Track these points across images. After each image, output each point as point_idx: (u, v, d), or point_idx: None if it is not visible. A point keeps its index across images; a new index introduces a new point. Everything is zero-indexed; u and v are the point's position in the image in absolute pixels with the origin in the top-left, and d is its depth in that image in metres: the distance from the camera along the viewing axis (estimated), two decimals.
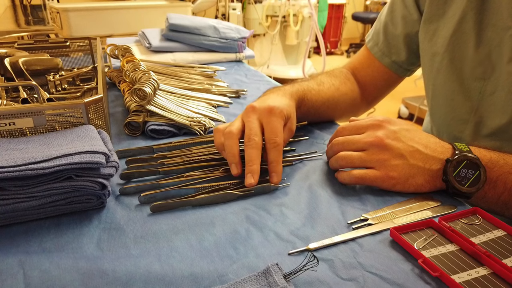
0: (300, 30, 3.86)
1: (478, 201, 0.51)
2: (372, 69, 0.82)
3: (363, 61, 0.84)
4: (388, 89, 0.86)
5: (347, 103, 0.79)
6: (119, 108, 0.82)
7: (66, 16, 1.54)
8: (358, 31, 5.92)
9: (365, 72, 0.83)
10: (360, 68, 0.84)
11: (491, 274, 0.39)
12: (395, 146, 0.52)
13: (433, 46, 0.70)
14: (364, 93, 0.83)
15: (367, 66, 0.83)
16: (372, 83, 0.83)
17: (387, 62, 0.80)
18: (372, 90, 0.84)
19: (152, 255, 0.41)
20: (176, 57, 1.15)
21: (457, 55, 0.66)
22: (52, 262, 0.40)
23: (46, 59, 0.84)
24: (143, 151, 0.63)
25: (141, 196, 0.50)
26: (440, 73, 0.70)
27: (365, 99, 0.84)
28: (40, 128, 0.55)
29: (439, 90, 0.71)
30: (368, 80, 0.83)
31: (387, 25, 0.79)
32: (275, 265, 0.38)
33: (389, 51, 0.79)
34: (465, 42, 0.64)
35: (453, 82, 0.68)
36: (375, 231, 0.45)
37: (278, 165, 0.54)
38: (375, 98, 0.86)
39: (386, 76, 0.82)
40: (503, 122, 0.62)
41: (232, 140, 0.54)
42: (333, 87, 0.75)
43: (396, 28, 0.77)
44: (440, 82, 0.70)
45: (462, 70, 0.66)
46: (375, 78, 0.82)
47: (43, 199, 0.45)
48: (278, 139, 0.54)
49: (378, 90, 0.84)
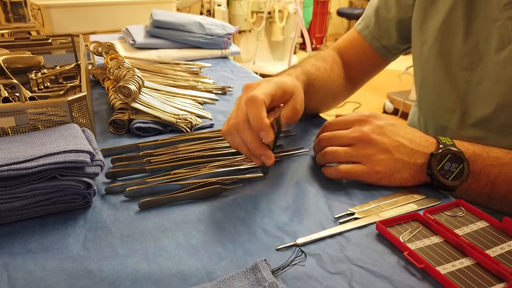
0: (286, 26, 3.86)
1: (462, 193, 0.52)
2: (359, 51, 0.82)
3: (351, 42, 0.83)
4: (373, 71, 0.85)
5: (335, 90, 0.79)
6: (104, 106, 0.81)
7: (47, 13, 1.51)
8: (343, 27, 5.95)
9: (351, 53, 0.82)
10: (347, 49, 0.83)
11: (474, 264, 0.40)
12: (381, 141, 0.53)
13: (423, 34, 0.71)
14: (349, 75, 0.82)
15: (354, 47, 0.82)
16: (358, 64, 0.82)
17: (377, 46, 0.80)
18: (357, 71, 0.83)
19: (139, 254, 0.41)
20: (161, 54, 1.14)
21: (445, 45, 0.67)
22: (37, 263, 0.39)
23: (28, 57, 0.82)
24: (128, 149, 0.63)
25: (126, 191, 0.50)
26: (428, 62, 0.70)
27: (349, 81, 0.83)
28: (22, 128, 0.54)
29: (427, 78, 0.72)
30: (354, 61, 0.82)
31: (379, 9, 0.78)
32: (263, 261, 0.38)
33: (380, 35, 0.79)
34: (454, 32, 0.65)
35: (441, 71, 0.69)
36: (362, 225, 0.46)
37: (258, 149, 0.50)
38: (359, 80, 0.85)
39: (372, 59, 0.82)
40: (488, 112, 0.63)
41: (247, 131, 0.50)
42: (326, 72, 0.73)
43: (389, 12, 0.77)
44: (429, 71, 0.71)
45: (450, 60, 0.67)
46: (361, 60, 0.82)
47: (26, 199, 0.44)
48: (257, 124, 0.48)
49: (363, 71, 0.84)
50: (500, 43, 0.60)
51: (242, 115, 0.50)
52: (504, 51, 0.59)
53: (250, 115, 0.49)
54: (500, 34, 0.60)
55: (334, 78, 0.76)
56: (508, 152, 0.52)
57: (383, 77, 1.53)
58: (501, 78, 0.60)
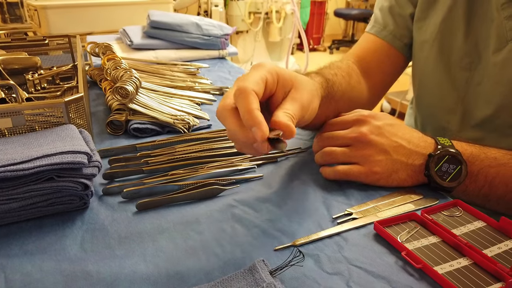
0: (283, 27, 3.86)
1: (460, 194, 0.52)
2: (380, 54, 0.76)
3: (369, 47, 0.77)
4: (395, 74, 0.80)
5: (356, 97, 0.71)
6: (101, 107, 0.81)
7: (44, 14, 1.50)
8: (341, 27, 5.96)
9: (371, 58, 0.76)
10: (364, 55, 0.77)
11: (472, 264, 0.40)
12: (379, 142, 0.53)
13: (423, 33, 0.70)
14: (370, 82, 0.75)
15: (374, 52, 0.76)
16: (379, 69, 0.76)
17: (399, 45, 0.75)
18: (379, 77, 0.77)
19: (137, 255, 0.41)
20: (158, 55, 1.14)
21: (445, 44, 0.67)
22: (34, 265, 0.39)
23: (24, 57, 0.82)
24: (126, 150, 0.62)
25: (124, 192, 0.50)
26: (428, 62, 0.70)
27: (371, 89, 0.76)
28: (19, 129, 0.53)
29: (427, 78, 0.72)
30: (374, 67, 0.76)
31: (392, 8, 0.75)
32: (261, 262, 0.38)
33: (400, 33, 0.75)
34: (454, 31, 0.65)
35: (441, 71, 0.68)
36: (360, 225, 0.46)
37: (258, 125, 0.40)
38: (382, 86, 0.79)
39: (395, 60, 0.77)
40: (488, 113, 0.63)
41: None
42: (343, 79, 0.66)
43: (404, 9, 0.74)
44: (428, 71, 0.71)
45: (450, 59, 0.67)
46: (382, 63, 0.76)
47: (23, 201, 0.44)
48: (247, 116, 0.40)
49: (385, 75, 0.78)
50: (498, 43, 0.60)
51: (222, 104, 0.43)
52: (502, 52, 0.59)
53: (239, 109, 0.41)
54: (497, 34, 0.59)
55: (353, 84, 0.69)
56: (506, 153, 0.52)
57: None
58: (500, 79, 0.60)
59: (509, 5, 0.58)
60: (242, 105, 0.40)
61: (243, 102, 0.40)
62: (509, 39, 0.58)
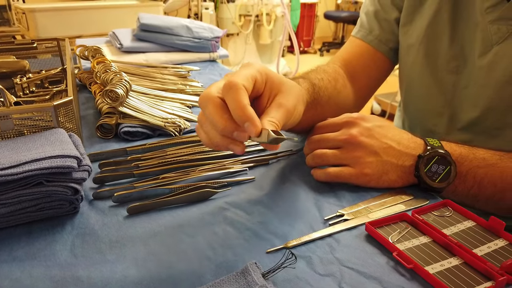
0: (274, 29, 3.87)
1: (449, 194, 0.53)
2: (366, 59, 0.77)
3: (354, 51, 0.78)
4: (381, 78, 0.80)
5: (343, 101, 0.72)
6: (91, 111, 0.80)
7: (32, 17, 1.49)
8: (331, 29, 6.00)
9: (356, 62, 0.77)
10: (350, 58, 0.78)
11: (462, 263, 0.40)
12: (369, 143, 0.53)
13: (409, 37, 0.71)
14: (356, 86, 0.76)
15: (360, 56, 0.77)
16: (365, 73, 0.77)
17: (385, 50, 0.76)
18: (365, 81, 0.78)
19: (129, 259, 0.41)
20: (148, 58, 1.13)
21: (431, 48, 0.67)
22: (24, 271, 0.39)
23: (12, 61, 0.81)
24: (116, 154, 0.62)
25: (114, 196, 0.49)
26: (415, 66, 0.70)
27: (357, 93, 0.77)
28: (7, 133, 0.53)
29: (414, 82, 0.72)
30: (360, 71, 0.77)
31: (378, 13, 0.76)
32: (254, 264, 0.38)
33: (386, 38, 0.76)
34: (440, 35, 0.66)
35: (428, 75, 0.69)
36: (351, 226, 0.46)
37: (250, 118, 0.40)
38: (367, 90, 0.79)
39: (380, 64, 0.78)
40: (475, 115, 0.64)
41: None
42: (330, 83, 0.67)
43: (389, 14, 0.74)
44: (415, 75, 0.71)
45: (437, 63, 0.67)
46: (368, 68, 0.77)
47: (12, 206, 0.43)
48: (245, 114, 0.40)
49: (370, 79, 0.79)
50: (483, 47, 0.61)
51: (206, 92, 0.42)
52: (488, 55, 0.60)
53: (229, 104, 0.41)
54: (483, 38, 0.60)
55: (339, 88, 0.70)
56: (494, 153, 0.53)
57: None
58: (486, 82, 0.61)
59: (493, 9, 0.58)
60: (233, 100, 0.40)
61: (234, 96, 0.40)
62: (494, 43, 0.59)
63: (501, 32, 0.58)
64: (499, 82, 0.59)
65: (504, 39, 0.58)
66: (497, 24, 0.58)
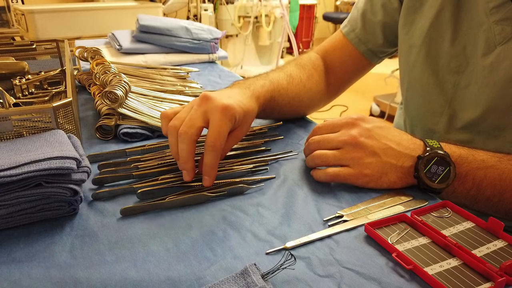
0: (273, 31, 3.87)
1: (448, 196, 0.53)
2: (343, 53, 0.81)
3: (336, 45, 0.82)
4: (357, 75, 0.85)
5: (311, 98, 0.77)
6: (90, 112, 0.80)
7: (31, 18, 1.49)
8: (330, 31, 6.01)
9: (335, 55, 0.82)
10: (331, 51, 0.83)
11: (461, 264, 0.40)
12: (369, 144, 0.53)
13: (410, 38, 0.71)
14: (331, 78, 0.81)
15: (339, 50, 0.82)
16: (342, 67, 0.82)
17: (363, 49, 0.79)
18: (341, 75, 0.82)
19: (128, 260, 0.41)
20: (147, 59, 1.13)
21: (433, 48, 0.67)
22: (23, 272, 0.39)
23: (11, 62, 0.81)
24: (115, 155, 0.62)
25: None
26: (416, 66, 0.71)
27: (331, 85, 0.82)
28: (6, 135, 0.53)
29: (415, 82, 0.73)
30: (338, 64, 0.82)
31: (365, 13, 0.78)
32: (253, 265, 0.38)
33: (366, 38, 0.79)
34: (442, 36, 0.66)
35: (429, 75, 0.69)
36: (350, 227, 0.46)
37: (212, 170, 0.51)
38: (342, 83, 0.84)
39: (358, 62, 0.81)
40: (475, 115, 0.64)
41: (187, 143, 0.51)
42: (300, 83, 0.73)
43: (375, 16, 0.77)
44: (416, 75, 0.72)
45: (438, 63, 0.67)
46: (345, 63, 0.82)
47: (11, 207, 0.43)
48: (217, 142, 0.50)
49: (346, 74, 0.83)
50: (487, 48, 0.61)
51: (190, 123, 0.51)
52: (491, 56, 0.60)
53: (181, 151, 0.51)
54: (486, 38, 0.60)
55: (310, 86, 0.75)
56: (494, 155, 0.53)
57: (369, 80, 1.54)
58: (488, 82, 0.61)
59: (498, 10, 0.59)
60: (182, 150, 0.50)
61: (184, 147, 0.50)
62: (498, 43, 0.59)
63: (505, 33, 0.58)
64: (501, 83, 0.60)
65: (508, 40, 0.58)
66: (501, 25, 0.59)
